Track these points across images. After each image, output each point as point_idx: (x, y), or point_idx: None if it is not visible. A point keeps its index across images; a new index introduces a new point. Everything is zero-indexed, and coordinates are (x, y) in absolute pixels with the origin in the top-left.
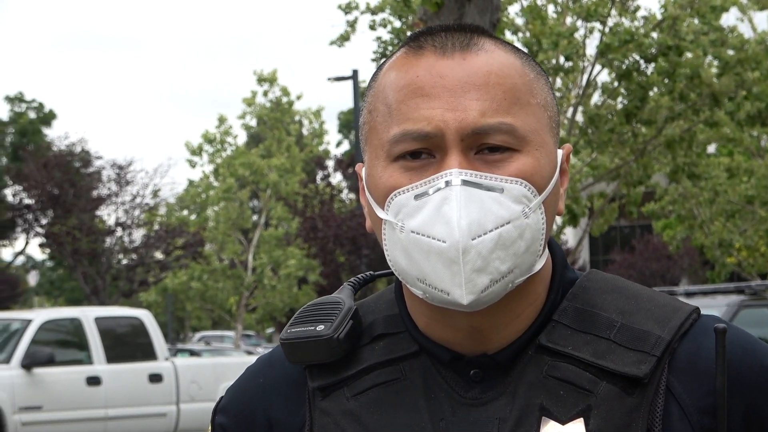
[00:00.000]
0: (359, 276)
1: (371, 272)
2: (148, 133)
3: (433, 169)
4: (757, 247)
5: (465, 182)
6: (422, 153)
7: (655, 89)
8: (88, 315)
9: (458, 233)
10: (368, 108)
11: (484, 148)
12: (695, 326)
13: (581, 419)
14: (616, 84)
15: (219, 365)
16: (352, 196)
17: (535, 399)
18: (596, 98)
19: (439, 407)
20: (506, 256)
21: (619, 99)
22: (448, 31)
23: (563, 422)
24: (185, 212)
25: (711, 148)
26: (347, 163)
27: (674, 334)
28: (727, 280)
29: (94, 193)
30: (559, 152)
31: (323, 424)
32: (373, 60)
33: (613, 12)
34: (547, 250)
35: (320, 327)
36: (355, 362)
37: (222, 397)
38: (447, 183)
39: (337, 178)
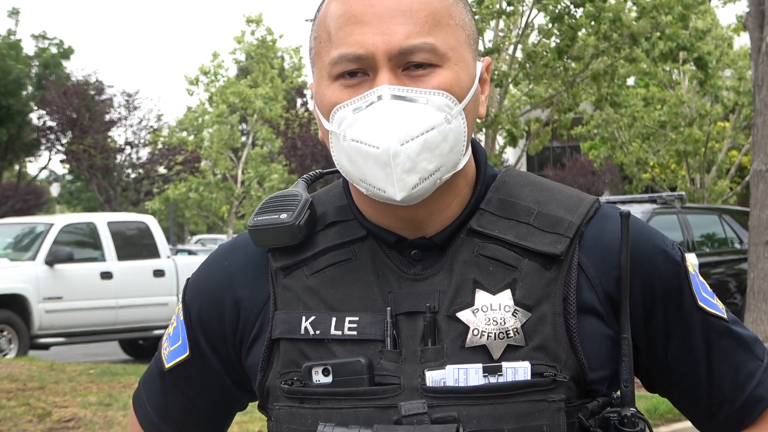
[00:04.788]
0: (310, 173)
1: (320, 170)
2: (152, 67)
3: (367, 86)
4: (668, 164)
5: (394, 96)
6: (359, 72)
7: (583, 30)
8: (101, 219)
9: (388, 140)
10: (314, 36)
11: (410, 65)
12: (598, 212)
13: (509, 290)
14: (550, 26)
15: None
16: None
17: (469, 274)
18: (533, 38)
19: (386, 282)
20: (432, 157)
21: (553, 38)
22: None
23: (494, 293)
24: (184, 133)
25: (630, 81)
26: None
27: (582, 219)
28: (642, 192)
29: (107, 116)
30: (479, 65)
31: (286, 298)
32: None
33: None
34: (470, 149)
35: (283, 215)
36: (312, 246)
37: (189, 279)
38: (379, 97)
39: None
